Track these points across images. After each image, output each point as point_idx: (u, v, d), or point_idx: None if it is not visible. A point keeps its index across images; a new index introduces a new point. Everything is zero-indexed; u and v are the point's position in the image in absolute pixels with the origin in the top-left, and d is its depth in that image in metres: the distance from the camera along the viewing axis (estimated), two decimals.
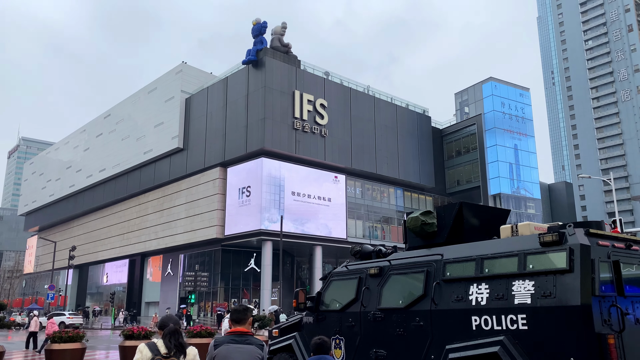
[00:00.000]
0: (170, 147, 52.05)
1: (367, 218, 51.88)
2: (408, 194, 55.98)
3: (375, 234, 52.37)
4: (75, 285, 71.77)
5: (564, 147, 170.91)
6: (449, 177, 60.10)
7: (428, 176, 56.19)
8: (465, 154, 59.10)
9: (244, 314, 3.79)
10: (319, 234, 45.75)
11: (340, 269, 6.94)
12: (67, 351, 8.88)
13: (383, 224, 53.48)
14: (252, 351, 3.63)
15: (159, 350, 3.57)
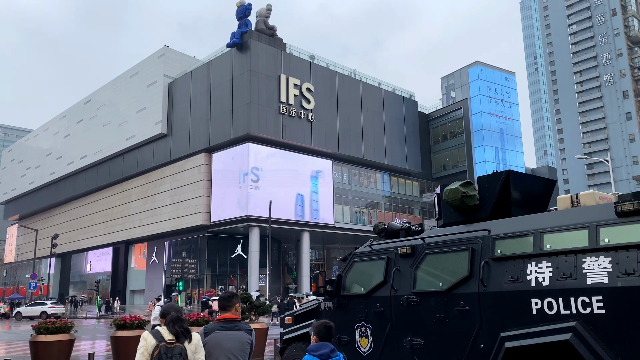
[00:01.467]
0: (153, 132, 51.03)
1: (354, 203, 51.69)
2: (395, 179, 55.88)
3: (362, 219, 52.27)
4: (58, 274, 70.65)
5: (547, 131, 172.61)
6: (435, 162, 60.11)
7: (414, 161, 56.10)
8: (452, 138, 59.09)
9: (229, 301, 3.84)
10: (307, 220, 45.43)
11: (364, 248, 6.25)
12: (54, 343, 8.37)
13: (370, 209, 53.36)
14: (242, 337, 3.71)
15: (163, 337, 3.53)
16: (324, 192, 47.29)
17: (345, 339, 5.99)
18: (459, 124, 58.62)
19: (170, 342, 3.48)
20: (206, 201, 44.96)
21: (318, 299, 6.77)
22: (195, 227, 45.61)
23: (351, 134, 49.77)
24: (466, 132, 57.93)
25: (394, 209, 55.34)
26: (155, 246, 53.72)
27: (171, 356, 3.44)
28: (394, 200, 55.56)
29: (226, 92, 44.91)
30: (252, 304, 11.35)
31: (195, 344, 3.60)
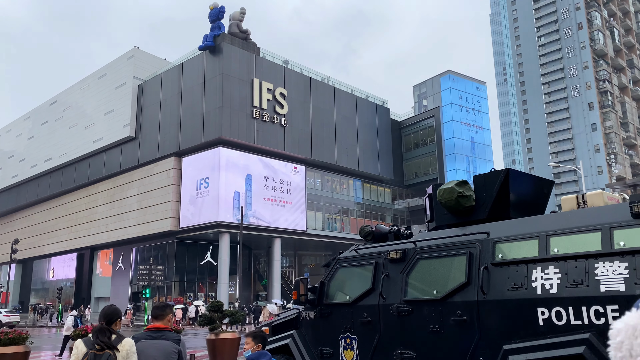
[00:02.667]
0: (121, 135, 49.71)
1: (327, 210, 51.40)
2: (367, 186, 55.89)
3: (334, 226, 52.02)
4: (19, 281, 68.00)
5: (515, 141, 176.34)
6: (407, 169, 60.42)
7: (387, 168, 56.25)
8: (423, 146, 59.53)
9: (163, 310, 3.99)
10: (278, 226, 44.87)
11: (349, 253, 5.79)
12: (7, 356, 7.68)
13: (342, 215, 53.16)
14: (168, 346, 3.80)
15: (94, 344, 3.62)
16: (296, 198, 46.84)
17: (328, 351, 5.53)
18: (431, 132, 59.12)
19: (99, 350, 3.57)
20: (175, 206, 43.93)
21: (297, 308, 6.33)
22: (164, 233, 44.50)
23: (324, 140, 49.56)
24: (437, 140, 58.46)
25: (366, 216, 55.28)
26: (122, 252, 52.19)
27: None
28: (366, 207, 55.52)
29: (197, 95, 44.11)
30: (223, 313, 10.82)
31: (127, 350, 3.65)
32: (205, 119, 42.94)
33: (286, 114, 46.31)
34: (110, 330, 3.77)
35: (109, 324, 3.81)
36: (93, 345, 3.60)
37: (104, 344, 3.60)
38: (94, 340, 3.62)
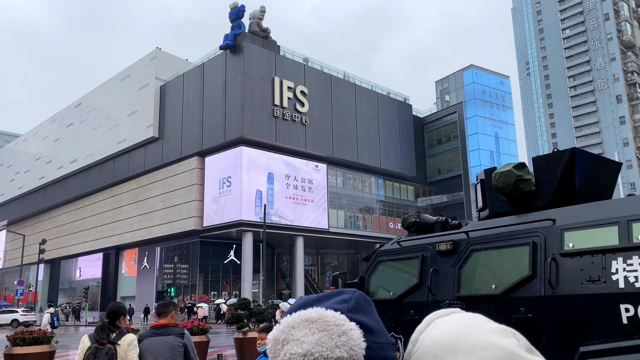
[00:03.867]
0: (144, 136, 50.19)
1: (349, 208, 51.08)
2: (389, 183, 55.38)
3: (357, 224, 51.68)
4: (47, 281, 69.33)
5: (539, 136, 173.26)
6: (430, 166, 59.69)
7: (409, 165, 55.64)
8: (447, 142, 58.72)
9: (166, 308, 4.23)
10: (301, 225, 44.73)
11: (390, 246, 5.34)
12: (32, 356, 7.63)
13: (364, 213, 52.78)
14: (172, 341, 4.03)
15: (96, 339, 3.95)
16: (318, 196, 46.64)
17: None
18: (454, 128, 58.29)
19: (101, 344, 3.90)
20: (198, 205, 44.16)
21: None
22: (187, 232, 44.77)
23: (346, 137, 49.25)
24: (461, 136, 57.59)
25: (388, 214, 54.81)
26: (147, 252, 52.74)
27: (99, 356, 3.85)
28: (388, 204, 55.03)
29: (219, 95, 44.24)
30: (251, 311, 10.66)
31: (127, 344, 3.96)
32: (226, 118, 43.04)
33: (307, 112, 46.13)
34: (110, 327, 4.07)
35: (113, 321, 4.12)
36: (96, 340, 3.94)
37: (103, 340, 3.93)
38: (95, 336, 3.97)
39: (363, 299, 0.85)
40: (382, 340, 0.81)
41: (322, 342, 0.74)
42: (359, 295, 0.85)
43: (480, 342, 0.70)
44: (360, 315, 0.81)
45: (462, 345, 0.71)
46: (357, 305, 0.82)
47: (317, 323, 0.76)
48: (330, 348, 0.74)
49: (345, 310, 0.80)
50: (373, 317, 0.84)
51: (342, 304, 0.82)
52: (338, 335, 0.75)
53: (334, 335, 0.75)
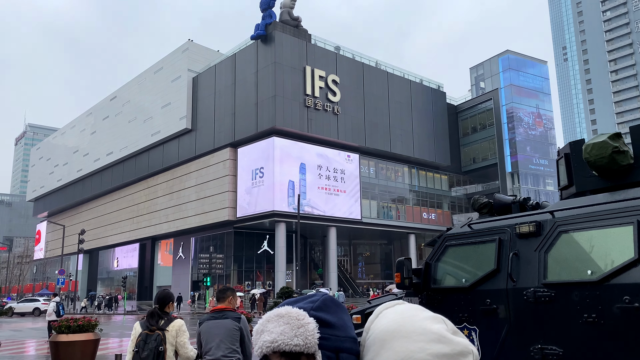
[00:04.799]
0: (178, 128, 50.70)
1: (381, 198, 50.53)
2: (423, 173, 54.51)
3: (390, 215, 51.11)
4: (86, 271, 71.28)
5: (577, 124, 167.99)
6: (465, 155, 58.44)
7: (443, 154, 54.58)
8: (482, 130, 57.33)
9: (224, 293, 4.49)
10: (333, 215, 44.47)
11: (460, 229, 4.86)
12: (77, 343, 7.57)
13: (397, 203, 52.13)
14: (229, 324, 4.24)
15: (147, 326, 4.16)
16: (350, 186, 46.25)
17: None
18: (489, 116, 56.84)
19: (151, 330, 4.10)
20: (231, 196, 44.39)
21: (394, 293, 5.58)
22: (221, 222, 45.10)
23: (378, 126, 48.60)
24: (497, 123, 56.10)
25: (422, 204, 54.02)
26: (182, 242, 53.50)
27: (149, 342, 4.03)
28: (422, 194, 54.21)
29: (251, 85, 44.21)
30: None
31: (176, 329, 4.22)
32: (258, 108, 42.99)
33: (339, 101, 45.67)
34: (159, 314, 4.27)
35: (162, 307, 4.33)
36: (146, 327, 4.15)
37: (152, 326, 4.14)
38: (145, 323, 4.19)
39: (330, 301, 1.05)
40: (340, 334, 1.00)
41: (285, 332, 0.96)
42: (326, 298, 1.05)
43: (416, 328, 0.91)
44: (322, 313, 1.01)
45: (402, 331, 0.91)
46: (322, 306, 1.03)
47: (284, 318, 0.98)
48: (290, 337, 0.95)
49: (309, 309, 1.01)
50: (336, 315, 1.02)
51: (310, 303, 1.03)
52: (297, 327, 0.96)
53: (294, 327, 0.96)
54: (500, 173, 55.10)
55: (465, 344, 0.92)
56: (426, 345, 0.88)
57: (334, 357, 0.99)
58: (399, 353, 0.88)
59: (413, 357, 0.87)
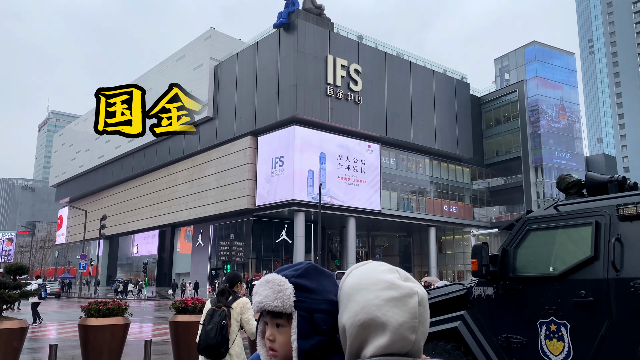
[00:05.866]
0: (199, 115, 50.60)
1: (402, 189, 50.01)
2: (444, 165, 53.78)
3: (410, 206, 50.58)
4: (106, 256, 72.21)
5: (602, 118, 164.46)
6: (487, 147, 57.47)
7: (466, 146, 53.73)
8: (506, 122, 56.25)
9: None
10: (353, 205, 44.13)
11: (544, 211, 4.43)
12: (107, 327, 7.41)
13: (418, 195, 51.56)
14: None
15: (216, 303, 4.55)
16: (370, 177, 45.83)
17: (519, 340, 4.20)
18: (514, 108, 55.71)
19: (218, 306, 4.47)
20: (251, 185, 44.33)
21: (461, 283, 5.18)
22: (240, 211, 45.12)
23: (400, 117, 47.98)
24: (521, 116, 54.97)
25: (443, 196, 53.36)
26: (201, 229, 53.73)
27: (214, 317, 4.37)
28: (443, 186, 53.53)
29: (272, 73, 43.91)
30: None
31: (240, 307, 4.57)
32: (280, 97, 42.72)
33: (360, 90, 45.15)
34: (229, 291, 4.63)
35: (232, 286, 4.71)
36: (214, 303, 4.53)
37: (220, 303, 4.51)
38: (215, 300, 4.58)
39: (312, 269, 1.21)
40: (317, 297, 1.16)
41: (268, 295, 1.16)
42: (309, 267, 1.21)
43: (373, 280, 1.07)
44: (302, 280, 1.17)
45: (363, 284, 1.07)
46: (304, 273, 1.19)
47: (270, 283, 1.17)
48: (272, 299, 1.15)
49: (291, 276, 1.17)
50: (316, 281, 1.18)
51: (293, 271, 1.19)
52: (277, 292, 1.15)
53: (275, 291, 1.16)
54: (524, 166, 54.08)
55: (411, 287, 1.05)
56: (380, 292, 1.04)
57: (309, 317, 1.14)
58: (360, 303, 1.04)
59: (370, 303, 1.03)
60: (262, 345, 1.23)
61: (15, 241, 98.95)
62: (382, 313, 1.02)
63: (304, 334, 1.14)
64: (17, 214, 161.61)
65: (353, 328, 1.05)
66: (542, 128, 54.24)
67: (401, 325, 1.01)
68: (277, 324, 1.18)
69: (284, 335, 1.17)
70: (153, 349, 8.22)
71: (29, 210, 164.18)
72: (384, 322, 1.01)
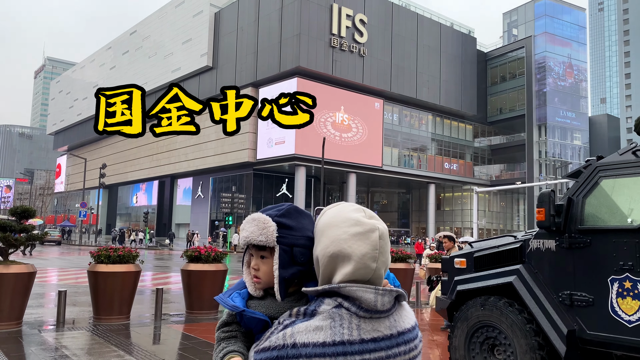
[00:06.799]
0: (199, 65, 49.57)
1: (403, 146, 49.62)
2: (447, 122, 53.18)
3: (411, 163, 50.35)
4: (106, 205, 72.33)
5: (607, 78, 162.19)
6: (491, 105, 56.67)
7: (470, 103, 52.95)
8: (511, 79, 55.22)
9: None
10: (354, 161, 43.85)
11: (618, 157, 4.04)
12: (117, 274, 7.22)
13: (419, 152, 51.21)
14: None
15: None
16: (372, 133, 45.32)
17: (584, 297, 3.90)
18: (521, 64, 54.57)
19: None
20: (252, 138, 43.84)
21: (513, 235, 4.85)
22: (241, 163, 44.81)
23: (405, 71, 46.99)
24: (527, 73, 53.90)
25: (444, 153, 53.04)
26: (201, 181, 53.58)
27: None
28: (444, 144, 53.12)
29: (275, 22, 42.60)
30: None
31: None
32: (282, 47, 41.60)
33: (365, 42, 43.98)
34: None
35: None
36: None
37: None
38: None
39: (293, 210, 1.35)
40: (297, 234, 1.31)
41: (253, 231, 1.30)
42: (290, 208, 1.35)
43: (342, 218, 1.20)
44: (284, 219, 1.31)
45: (334, 222, 1.21)
46: (285, 213, 1.33)
47: (255, 221, 1.32)
48: (257, 235, 1.29)
49: (274, 215, 1.31)
50: (296, 220, 1.33)
51: (276, 211, 1.33)
52: (262, 228, 1.29)
53: (260, 228, 1.30)
54: (527, 125, 53.52)
55: (374, 223, 1.19)
56: (347, 229, 1.17)
57: (289, 250, 1.29)
58: (330, 237, 1.18)
59: (339, 238, 1.17)
60: (247, 274, 1.38)
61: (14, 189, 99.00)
62: (349, 245, 1.16)
63: (285, 264, 1.30)
64: (15, 162, 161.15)
65: (324, 259, 1.20)
66: (548, 86, 53.34)
67: (364, 255, 1.15)
68: (262, 256, 1.33)
69: (267, 266, 1.32)
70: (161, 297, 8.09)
71: (26, 157, 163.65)
72: (350, 254, 1.15)
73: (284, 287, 1.32)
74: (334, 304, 1.15)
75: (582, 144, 56.43)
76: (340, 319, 1.13)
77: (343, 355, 1.10)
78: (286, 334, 1.12)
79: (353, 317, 1.14)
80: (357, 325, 1.13)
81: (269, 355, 1.12)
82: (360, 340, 1.12)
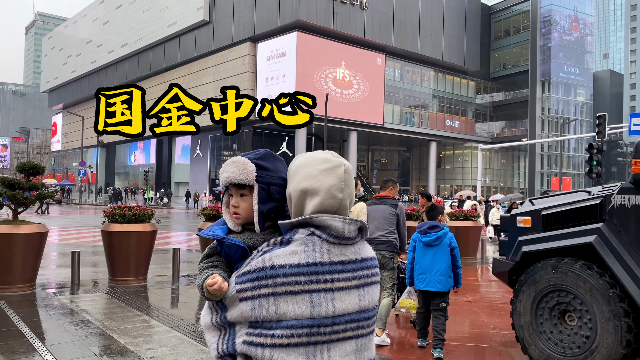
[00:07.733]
0: (195, 19, 48.08)
1: (405, 103, 48.89)
2: (450, 78, 52.25)
3: (412, 120, 49.76)
4: (104, 164, 71.87)
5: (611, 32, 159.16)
6: (495, 60, 55.59)
7: (472, 58, 51.88)
8: (515, 34, 53.94)
9: (385, 183, 5.35)
10: (355, 119, 43.24)
11: None
12: (133, 234, 6.98)
13: (421, 109, 50.53)
14: (386, 209, 5.11)
15: None
16: (374, 89, 44.51)
17: None
18: (525, 18, 53.17)
19: None
20: (250, 94, 42.95)
21: (587, 190, 4.48)
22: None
23: (407, 25, 45.74)
24: (532, 27, 52.59)
25: (446, 110, 52.38)
26: (199, 140, 52.99)
27: None
28: (446, 100, 52.36)
29: None
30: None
31: (358, 210, 5.07)
32: (281, 0, 40.22)
33: None
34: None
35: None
36: None
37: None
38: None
39: (269, 154, 1.52)
40: (272, 175, 1.47)
41: (234, 172, 1.46)
42: (266, 152, 1.52)
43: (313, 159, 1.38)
44: (262, 161, 1.47)
45: (305, 162, 1.39)
46: (263, 157, 1.49)
47: (236, 163, 1.48)
48: (237, 174, 1.45)
49: (252, 158, 1.48)
50: (271, 163, 1.49)
51: (254, 155, 1.50)
52: (242, 169, 1.46)
53: (240, 168, 1.46)
54: (531, 80, 52.66)
55: (340, 160, 1.38)
56: (317, 166, 1.35)
57: (266, 188, 1.46)
58: (302, 174, 1.35)
59: (310, 175, 1.34)
60: (227, 213, 1.53)
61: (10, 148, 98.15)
62: (318, 179, 1.33)
63: (263, 200, 1.46)
64: (9, 120, 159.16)
65: (296, 193, 1.36)
66: (553, 40, 52.17)
67: (331, 187, 1.33)
68: (241, 194, 1.48)
69: (246, 202, 1.48)
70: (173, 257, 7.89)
71: (21, 116, 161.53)
72: (319, 187, 1.33)
73: (262, 220, 1.46)
74: (307, 233, 1.31)
75: (585, 100, 55.73)
76: (313, 244, 1.30)
77: (315, 274, 1.28)
78: (265, 258, 1.29)
79: (324, 242, 1.31)
80: (327, 250, 1.31)
81: (249, 277, 1.30)
82: (330, 262, 1.30)
